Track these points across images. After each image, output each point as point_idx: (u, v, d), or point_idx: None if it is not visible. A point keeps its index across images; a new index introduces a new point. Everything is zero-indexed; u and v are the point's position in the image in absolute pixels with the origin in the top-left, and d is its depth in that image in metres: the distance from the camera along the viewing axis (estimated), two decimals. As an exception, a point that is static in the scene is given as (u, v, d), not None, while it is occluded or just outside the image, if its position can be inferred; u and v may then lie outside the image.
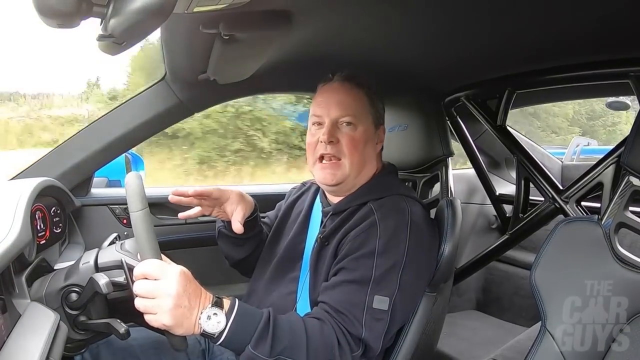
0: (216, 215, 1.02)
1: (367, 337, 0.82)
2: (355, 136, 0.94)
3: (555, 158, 2.02)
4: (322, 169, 0.95)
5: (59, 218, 1.20)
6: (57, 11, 0.40)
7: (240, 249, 1.11)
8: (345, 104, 0.95)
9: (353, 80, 0.97)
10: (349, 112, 0.94)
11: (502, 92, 1.21)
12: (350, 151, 0.94)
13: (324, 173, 0.95)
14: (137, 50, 7.16)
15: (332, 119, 0.95)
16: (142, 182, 0.71)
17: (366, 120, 0.96)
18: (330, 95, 0.97)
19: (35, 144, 6.93)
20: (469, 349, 1.57)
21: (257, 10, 0.70)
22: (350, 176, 0.95)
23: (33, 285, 0.81)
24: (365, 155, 0.97)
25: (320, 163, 0.96)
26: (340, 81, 0.97)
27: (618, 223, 0.76)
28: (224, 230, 1.09)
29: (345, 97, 0.95)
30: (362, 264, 0.85)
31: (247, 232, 1.03)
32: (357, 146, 0.94)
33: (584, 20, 0.77)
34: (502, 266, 1.88)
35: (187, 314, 0.70)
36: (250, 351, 0.74)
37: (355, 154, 0.94)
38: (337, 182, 0.95)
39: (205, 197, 0.98)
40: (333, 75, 0.98)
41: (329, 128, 0.94)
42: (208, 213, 1.01)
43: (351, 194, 0.98)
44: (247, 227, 1.03)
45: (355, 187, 0.98)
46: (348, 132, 0.94)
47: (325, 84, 0.99)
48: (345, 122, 0.94)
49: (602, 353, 0.72)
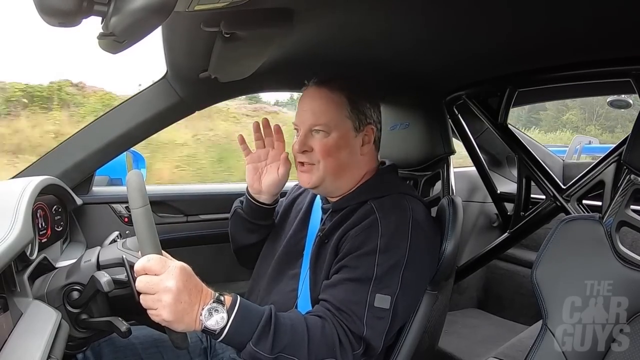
0: (249, 168, 1.06)
1: (368, 336, 0.82)
2: (328, 143, 0.94)
3: (556, 156, 2.02)
4: (300, 172, 0.98)
5: (61, 216, 1.20)
6: (58, 10, 0.40)
7: (250, 235, 1.12)
8: (318, 112, 0.94)
9: (329, 84, 0.95)
10: (321, 120, 0.94)
11: (503, 90, 1.20)
12: (324, 157, 0.94)
13: (301, 177, 0.98)
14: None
15: (305, 127, 0.95)
16: (143, 179, 0.71)
17: (342, 125, 0.95)
18: (305, 102, 0.97)
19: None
20: (469, 347, 1.57)
21: (259, 8, 0.70)
22: (326, 180, 0.95)
23: (35, 283, 0.81)
24: (342, 160, 0.95)
25: (298, 165, 0.98)
26: (315, 86, 0.96)
27: (619, 221, 0.76)
28: (240, 211, 1.11)
29: (318, 104, 0.94)
30: (364, 262, 0.85)
31: (264, 218, 1.09)
32: (330, 152, 0.94)
33: (585, 18, 0.77)
34: (503, 264, 1.88)
35: (188, 310, 0.70)
36: (252, 348, 0.74)
37: (329, 160, 0.94)
38: (313, 185, 0.97)
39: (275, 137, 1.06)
40: (309, 81, 0.98)
41: (302, 138, 0.95)
42: (250, 159, 1.07)
43: (350, 193, 0.98)
44: (265, 214, 1.08)
45: (341, 189, 0.98)
46: (320, 140, 0.94)
47: (304, 89, 0.98)
48: (318, 130, 0.94)
49: (602, 353, 0.72)
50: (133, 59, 8.48)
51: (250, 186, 1.07)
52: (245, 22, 0.72)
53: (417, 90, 1.30)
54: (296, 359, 0.77)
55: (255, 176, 1.06)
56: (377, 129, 1.00)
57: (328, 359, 0.79)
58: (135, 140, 1.31)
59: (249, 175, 1.06)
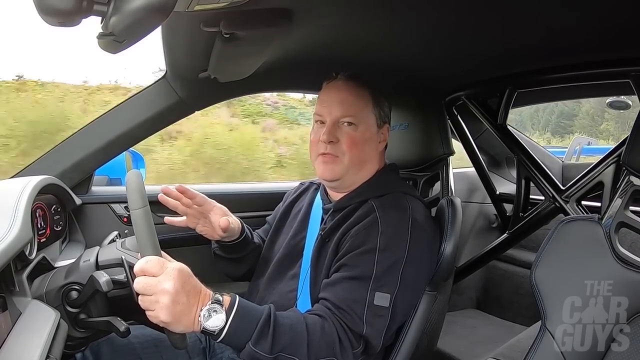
0: (201, 231, 1.03)
1: (367, 334, 0.82)
2: (356, 136, 0.95)
3: (555, 157, 2.02)
4: (322, 163, 0.97)
5: (60, 216, 1.20)
6: (58, 10, 0.40)
7: (238, 266, 1.13)
8: (347, 103, 0.95)
9: (357, 79, 0.97)
10: (350, 111, 0.95)
11: (502, 91, 1.21)
12: (350, 149, 0.95)
13: (324, 167, 0.96)
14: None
15: (333, 118, 0.95)
16: (142, 179, 0.71)
17: (368, 119, 0.97)
18: (333, 94, 0.97)
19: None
20: (468, 348, 1.57)
21: (258, 8, 0.70)
22: (349, 173, 0.96)
23: (34, 283, 0.81)
24: (365, 154, 0.97)
25: (320, 157, 0.97)
26: (344, 80, 0.98)
27: (618, 222, 0.76)
28: (219, 252, 1.11)
29: (347, 96, 0.96)
30: (364, 261, 0.85)
31: (240, 251, 1.08)
32: (357, 145, 0.95)
33: (585, 19, 0.77)
34: (502, 265, 1.88)
35: (186, 311, 0.70)
36: (251, 348, 0.74)
37: (355, 152, 0.95)
38: (335, 178, 0.96)
39: (189, 198, 0.98)
40: (337, 74, 0.99)
41: (330, 128, 0.95)
42: (193, 226, 1.02)
43: (352, 192, 0.98)
44: (240, 247, 1.07)
45: (355, 184, 0.99)
46: (348, 132, 0.95)
47: (330, 82, 0.99)
48: (347, 122, 0.95)
49: (602, 353, 0.72)
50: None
51: (212, 238, 1.05)
52: (245, 22, 0.72)
53: (417, 91, 1.30)
54: (296, 358, 0.76)
55: (210, 229, 1.03)
56: (390, 128, 1.03)
57: (328, 357, 0.79)
58: (134, 140, 1.31)
59: (207, 234, 1.04)
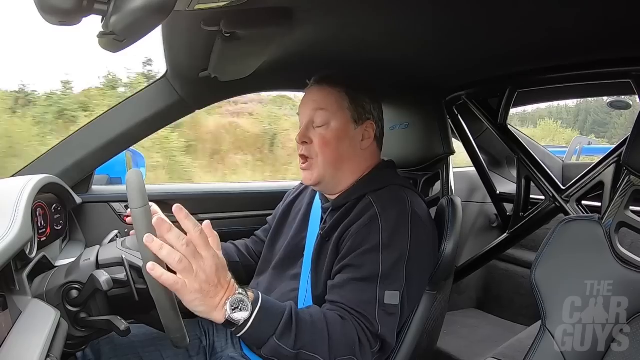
0: None
1: (383, 333, 0.83)
2: (327, 135, 0.96)
3: (556, 157, 2.02)
4: (302, 170, 0.99)
5: (60, 215, 1.20)
6: (59, 9, 0.40)
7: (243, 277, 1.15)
8: (317, 104, 0.97)
9: (327, 80, 0.99)
10: (320, 112, 0.96)
11: (503, 90, 1.20)
12: (322, 149, 0.96)
13: (304, 175, 1.00)
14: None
15: (305, 120, 0.98)
16: (142, 179, 0.71)
17: (342, 117, 0.97)
18: (306, 97, 1.00)
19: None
20: (468, 347, 1.57)
21: (259, 8, 0.70)
22: (327, 173, 0.97)
23: (34, 282, 0.81)
24: (340, 153, 0.97)
25: (301, 163, 0.99)
26: (315, 84, 1.00)
27: (619, 222, 0.76)
28: None
29: (317, 98, 0.98)
30: (368, 260, 0.85)
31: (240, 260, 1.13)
32: (329, 144, 0.96)
33: (585, 19, 0.77)
34: (503, 265, 1.88)
35: (212, 294, 0.68)
36: (276, 342, 0.74)
37: (327, 152, 0.96)
38: (315, 182, 0.98)
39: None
40: (310, 81, 1.01)
41: (303, 130, 0.98)
42: None
43: (347, 189, 0.98)
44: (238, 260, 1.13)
45: (342, 184, 0.99)
46: (320, 132, 0.96)
47: (307, 89, 1.02)
48: (318, 122, 0.96)
49: (602, 353, 0.72)
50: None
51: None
52: (246, 22, 0.72)
53: (417, 90, 1.30)
54: (317, 355, 0.77)
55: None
56: (377, 125, 1.02)
57: (348, 356, 0.79)
58: (135, 139, 1.31)
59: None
